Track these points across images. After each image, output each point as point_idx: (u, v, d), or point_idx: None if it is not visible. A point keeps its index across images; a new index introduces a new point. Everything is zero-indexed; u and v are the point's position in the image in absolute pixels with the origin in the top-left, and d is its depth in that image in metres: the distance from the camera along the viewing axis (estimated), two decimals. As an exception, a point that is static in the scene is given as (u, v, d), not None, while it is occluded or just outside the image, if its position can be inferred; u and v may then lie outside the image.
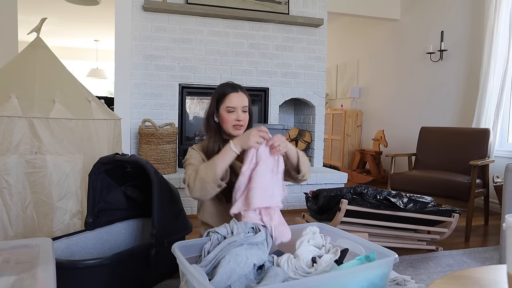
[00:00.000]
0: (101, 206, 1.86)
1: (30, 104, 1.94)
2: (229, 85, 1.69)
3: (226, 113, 1.63)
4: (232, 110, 1.63)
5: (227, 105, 1.63)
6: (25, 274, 0.90)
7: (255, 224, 1.34)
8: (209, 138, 1.68)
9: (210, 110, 1.68)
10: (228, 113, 1.63)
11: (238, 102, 1.64)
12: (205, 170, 1.46)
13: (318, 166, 4.16)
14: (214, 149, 1.64)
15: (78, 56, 8.10)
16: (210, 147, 1.65)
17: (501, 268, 1.06)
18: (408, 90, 4.75)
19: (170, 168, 3.34)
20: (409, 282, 1.77)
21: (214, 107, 1.67)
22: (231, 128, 1.64)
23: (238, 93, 1.66)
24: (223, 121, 1.65)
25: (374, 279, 1.16)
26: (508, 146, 3.48)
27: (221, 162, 1.46)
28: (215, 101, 1.67)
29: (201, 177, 1.45)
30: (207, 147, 1.66)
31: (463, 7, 3.93)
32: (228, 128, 1.65)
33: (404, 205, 2.15)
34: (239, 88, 1.69)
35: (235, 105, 1.63)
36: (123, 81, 3.49)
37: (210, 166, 1.46)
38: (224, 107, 1.64)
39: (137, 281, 1.65)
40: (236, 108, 1.63)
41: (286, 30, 3.91)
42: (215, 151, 1.61)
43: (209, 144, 1.66)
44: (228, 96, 1.64)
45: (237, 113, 1.64)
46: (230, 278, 1.11)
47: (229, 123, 1.64)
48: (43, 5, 5.37)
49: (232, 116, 1.63)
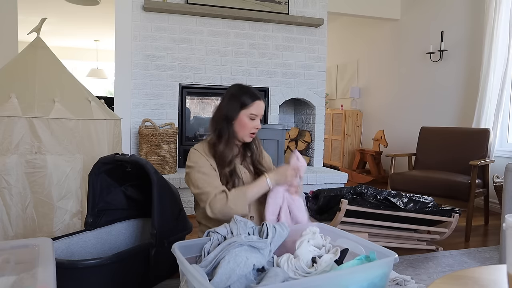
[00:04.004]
0: (101, 206, 1.86)
1: (30, 104, 1.94)
2: (253, 92, 1.64)
3: (248, 119, 1.60)
4: (254, 117, 1.61)
5: (252, 112, 1.60)
6: (25, 274, 0.90)
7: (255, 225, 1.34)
8: (223, 142, 1.60)
9: (230, 113, 1.61)
10: (249, 120, 1.61)
11: (261, 110, 1.63)
12: (234, 201, 1.46)
13: (318, 166, 4.16)
14: (228, 156, 1.60)
15: (78, 56, 8.10)
16: (225, 153, 1.59)
17: (501, 268, 1.06)
18: (408, 90, 4.75)
19: (170, 168, 3.34)
20: (409, 282, 1.77)
21: (236, 112, 1.61)
22: (247, 135, 1.63)
23: (261, 101, 1.64)
24: (241, 126, 1.61)
25: (374, 279, 1.15)
26: (508, 146, 3.48)
27: (255, 196, 1.48)
28: (238, 106, 1.60)
29: (230, 208, 1.45)
30: (220, 153, 1.59)
31: (463, 7, 3.93)
32: (244, 135, 1.62)
33: (404, 205, 2.15)
34: (261, 96, 1.67)
35: (258, 113, 1.62)
36: (123, 81, 3.49)
37: (242, 200, 1.46)
38: (247, 113, 1.60)
39: (137, 281, 1.65)
40: (258, 116, 1.62)
41: (286, 30, 3.91)
42: (228, 159, 1.59)
43: (224, 150, 1.59)
44: (255, 103, 1.61)
45: (257, 121, 1.63)
46: (230, 278, 1.11)
47: (248, 129, 1.61)
48: (43, 5, 5.37)
49: (253, 123, 1.61)
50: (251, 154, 1.73)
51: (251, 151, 1.73)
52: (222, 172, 1.59)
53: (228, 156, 1.60)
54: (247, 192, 1.49)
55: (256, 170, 1.72)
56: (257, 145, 1.76)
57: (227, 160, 1.59)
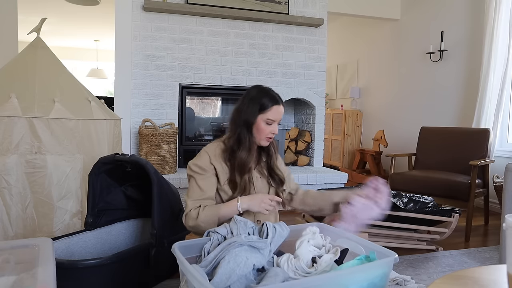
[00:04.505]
0: (101, 206, 1.86)
1: (30, 104, 1.94)
2: (272, 95, 1.59)
3: (265, 124, 1.56)
4: (271, 122, 1.57)
5: (269, 117, 1.56)
6: (25, 274, 0.90)
7: (255, 225, 1.34)
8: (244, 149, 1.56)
9: (249, 118, 1.56)
10: (266, 125, 1.56)
11: (279, 116, 1.59)
12: (205, 220, 1.46)
13: (318, 166, 4.16)
14: (249, 163, 1.57)
15: (78, 56, 8.10)
16: (247, 161, 1.56)
17: (501, 268, 1.06)
18: (408, 90, 4.75)
19: (170, 168, 3.34)
20: (409, 282, 1.77)
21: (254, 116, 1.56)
22: (264, 139, 1.59)
23: (280, 106, 1.59)
24: (257, 131, 1.57)
25: (374, 279, 1.15)
26: (508, 146, 3.48)
27: (223, 217, 1.47)
28: (257, 109, 1.56)
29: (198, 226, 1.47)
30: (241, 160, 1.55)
31: (463, 7, 3.93)
32: (261, 139, 1.58)
33: (404, 205, 2.15)
34: (281, 100, 1.62)
35: (275, 118, 1.58)
36: (123, 81, 3.49)
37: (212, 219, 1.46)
38: (264, 118, 1.56)
39: (137, 281, 1.65)
40: (275, 121, 1.58)
41: (286, 30, 3.91)
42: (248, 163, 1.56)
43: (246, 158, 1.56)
44: (273, 108, 1.56)
45: (274, 126, 1.58)
46: (230, 278, 1.11)
47: (264, 134, 1.57)
48: (43, 5, 5.37)
49: (270, 128, 1.57)
50: (267, 158, 1.69)
51: (268, 155, 1.69)
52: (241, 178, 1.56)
53: (249, 163, 1.57)
54: (219, 212, 1.48)
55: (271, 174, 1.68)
56: (275, 149, 1.71)
57: (247, 167, 1.56)
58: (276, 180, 1.67)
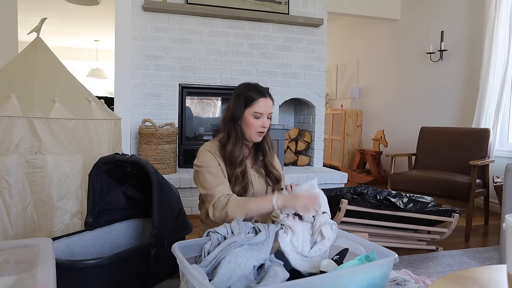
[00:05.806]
0: (101, 206, 1.86)
1: (30, 104, 1.93)
2: (257, 89, 1.60)
3: (253, 118, 1.57)
4: (259, 116, 1.58)
5: (255, 110, 1.57)
6: (25, 274, 0.90)
7: (256, 225, 1.34)
8: (231, 143, 1.58)
9: (236, 113, 1.58)
10: (254, 118, 1.57)
11: (266, 109, 1.59)
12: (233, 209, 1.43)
13: (318, 166, 4.16)
14: (238, 156, 1.57)
15: (78, 56, 8.10)
16: (234, 154, 1.57)
17: (501, 268, 1.06)
18: (408, 90, 4.75)
19: (170, 168, 3.33)
20: (409, 282, 1.77)
21: (241, 111, 1.58)
22: (255, 134, 1.59)
23: (267, 99, 1.60)
24: (247, 126, 1.58)
25: (374, 279, 1.16)
26: (508, 146, 3.48)
27: (256, 211, 1.43)
28: (242, 104, 1.58)
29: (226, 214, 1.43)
30: (229, 153, 1.57)
31: (463, 7, 3.93)
32: (251, 135, 1.59)
33: (404, 205, 2.15)
34: (267, 93, 1.62)
35: (263, 111, 1.58)
36: (123, 81, 3.49)
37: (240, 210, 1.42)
38: (251, 112, 1.57)
39: (137, 281, 1.65)
40: (263, 115, 1.58)
41: (286, 30, 3.91)
42: (238, 159, 1.57)
43: (232, 150, 1.57)
44: (258, 102, 1.57)
45: (263, 119, 1.58)
46: (231, 278, 1.11)
47: (254, 129, 1.58)
48: (43, 5, 5.37)
49: (258, 122, 1.58)
50: (263, 156, 1.69)
51: (263, 154, 1.69)
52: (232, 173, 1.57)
53: (237, 156, 1.57)
54: (249, 205, 1.44)
55: (268, 173, 1.68)
56: (270, 146, 1.71)
57: (236, 160, 1.57)
58: (273, 179, 1.68)
